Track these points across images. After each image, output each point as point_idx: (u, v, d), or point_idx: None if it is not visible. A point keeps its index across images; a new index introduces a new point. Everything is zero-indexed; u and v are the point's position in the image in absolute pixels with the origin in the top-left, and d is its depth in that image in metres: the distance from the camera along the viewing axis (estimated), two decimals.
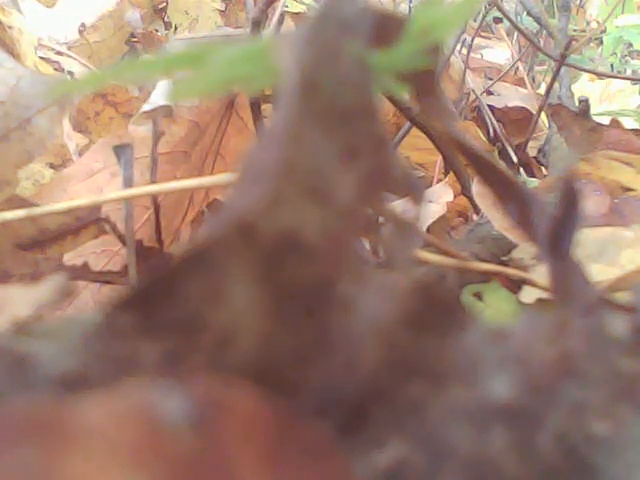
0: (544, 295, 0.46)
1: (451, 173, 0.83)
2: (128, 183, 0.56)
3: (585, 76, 1.80)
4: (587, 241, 0.51)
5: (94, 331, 0.22)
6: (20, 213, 0.49)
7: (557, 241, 0.28)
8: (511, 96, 1.44)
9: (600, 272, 0.49)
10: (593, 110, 0.92)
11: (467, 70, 1.39)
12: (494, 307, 0.50)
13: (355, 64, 0.26)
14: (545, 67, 1.86)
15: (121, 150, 0.56)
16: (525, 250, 0.54)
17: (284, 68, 0.25)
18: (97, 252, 0.62)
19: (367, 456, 0.22)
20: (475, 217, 0.77)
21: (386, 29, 0.28)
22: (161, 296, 0.22)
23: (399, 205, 0.29)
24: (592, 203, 0.61)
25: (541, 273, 0.48)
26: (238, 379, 0.22)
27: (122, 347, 0.22)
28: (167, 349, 0.22)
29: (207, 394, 0.20)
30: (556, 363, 0.23)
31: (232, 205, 0.23)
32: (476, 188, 0.64)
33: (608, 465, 0.22)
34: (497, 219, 0.56)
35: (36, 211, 0.50)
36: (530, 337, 0.24)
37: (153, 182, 0.63)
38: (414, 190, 0.28)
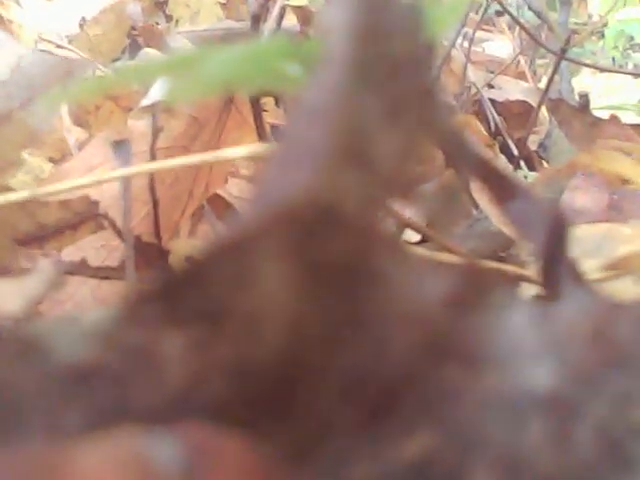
0: (542, 291, 0.46)
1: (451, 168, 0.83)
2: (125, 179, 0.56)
3: (587, 69, 1.79)
4: (584, 237, 0.51)
5: (113, 320, 0.21)
6: (13, 197, 0.48)
7: (551, 272, 0.27)
8: (512, 90, 1.44)
9: (598, 266, 0.49)
10: (595, 103, 0.92)
11: (468, 63, 1.38)
12: None
13: (406, 11, 0.25)
14: (547, 60, 1.85)
15: (118, 145, 0.56)
16: (523, 246, 0.54)
17: (333, 18, 0.25)
18: (96, 247, 0.62)
19: (394, 444, 0.22)
20: (475, 212, 0.77)
21: None
22: (188, 285, 0.21)
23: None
24: (590, 198, 0.61)
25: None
26: (232, 431, 0.21)
27: (143, 337, 0.21)
28: (192, 337, 0.21)
29: (198, 442, 0.20)
30: (602, 349, 0.22)
31: (274, 187, 0.22)
32: (475, 184, 0.64)
33: None
34: (496, 215, 0.56)
35: (34, 193, 0.49)
36: (576, 321, 0.23)
37: (151, 177, 0.63)
38: (461, 148, 0.27)
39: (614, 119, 0.81)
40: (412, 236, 0.56)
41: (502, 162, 1.11)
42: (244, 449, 0.20)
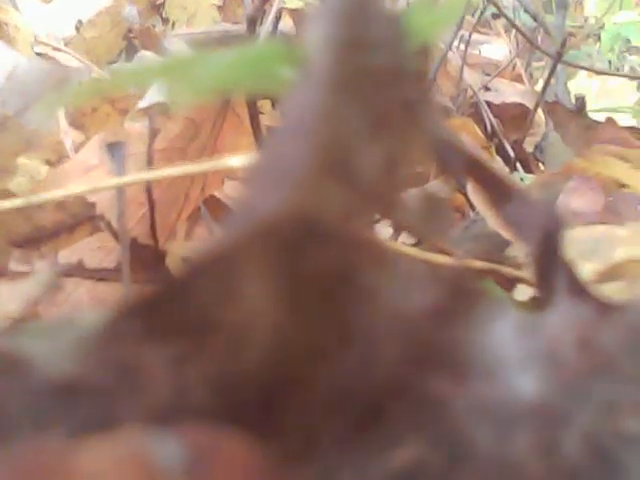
0: (537, 294, 0.46)
1: None
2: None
3: (583, 72, 1.80)
4: (580, 239, 0.51)
5: (97, 334, 0.21)
6: (9, 204, 0.48)
7: (546, 274, 0.27)
8: (508, 92, 1.44)
9: (593, 270, 0.49)
10: (591, 106, 0.92)
11: (465, 66, 1.38)
12: None
13: (389, 23, 0.25)
14: (543, 63, 1.86)
15: (113, 148, 0.56)
16: (520, 248, 0.54)
17: (316, 29, 0.25)
18: (92, 249, 0.62)
19: (382, 455, 0.22)
20: (472, 214, 0.77)
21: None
22: (171, 299, 0.21)
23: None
24: (586, 200, 0.62)
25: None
26: (232, 428, 0.21)
27: (126, 352, 0.21)
28: (176, 352, 0.21)
29: (199, 441, 0.20)
30: (587, 357, 0.23)
31: (256, 201, 0.22)
32: (471, 185, 0.64)
33: (638, 464, 0.21)
34: (491, 216, 0.56)
35: (29, 200, 0.50)
36: (561, 330, 0.23)
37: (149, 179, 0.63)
38: (450, 160, 0.27)
39: (610, 121, 0.81)
40: (407, 238, 0.56)
41: (498, 164, 1.11)
42: (245, 448, 0.20)
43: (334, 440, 0.22)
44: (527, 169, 1.20)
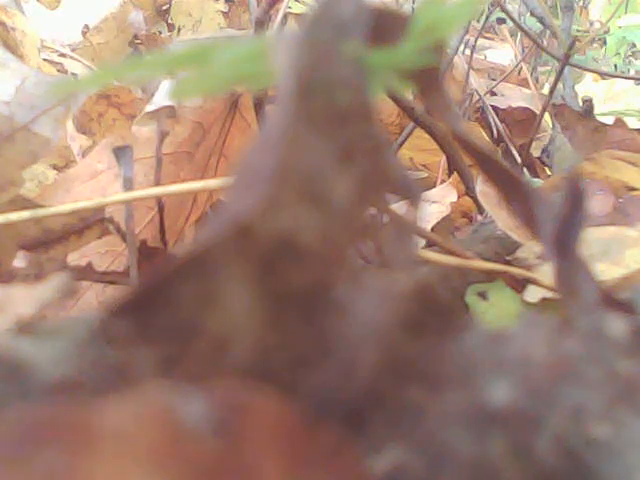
0: (548, 294, 0.46)
1: (455, 174, 0.83)
2: (128, 184, 0.55)
3: (589, 76, 1.80)
4: (591, 240, 0.51)
5: (89, 337, 0.22)
6: (25, 214, 0.49)
7: (562, 239, 0.28)
8: (514, 97, 1.44)
9: (604, 271, 0.49)
10: (597, 110, 0.92)
11: (470, 71, 1.38)
12: (499, 306, 0.50)
13: (351, 65, 0.25)
14: (548, 67, 1.86)
15: (121, 152, 0.56)
16: (529, 249, 0.54)
17: (280, 70, 0.25)
18: (101, 252, 0.62)
19: (365, 461, 0.22)
20: (479, 218, 0.77)
21: (389, 27, 0.28)
22: (157, 301, 0.22)
23: (401, 206, 0.29)
24: (596, 202, 0.61)
25: (545, 272, 0.48)
26: (257, 383, 0.21)
27: (117, 353, 0.22)
28: (163, 355, 0.22)
29: (229, 398, 0.20)
30: (555, 366, 0.23)
31: (229, 209, 0.23)
32: (480, 188, 0.64)
33: (607, 468, 0.22)
34: (501, 219, 0.56)
35: (40, 212, 0.50)
36: (529, 340, 0.24)
37: (157, 182, 0.63)
38: (411, 192, 0.28)
39: (619, 123, 0.81)
40: (419, 241, 0.56)
41: None
42: (274, 405, 0.20)
43: None
44: (534, 173, 1.20)
